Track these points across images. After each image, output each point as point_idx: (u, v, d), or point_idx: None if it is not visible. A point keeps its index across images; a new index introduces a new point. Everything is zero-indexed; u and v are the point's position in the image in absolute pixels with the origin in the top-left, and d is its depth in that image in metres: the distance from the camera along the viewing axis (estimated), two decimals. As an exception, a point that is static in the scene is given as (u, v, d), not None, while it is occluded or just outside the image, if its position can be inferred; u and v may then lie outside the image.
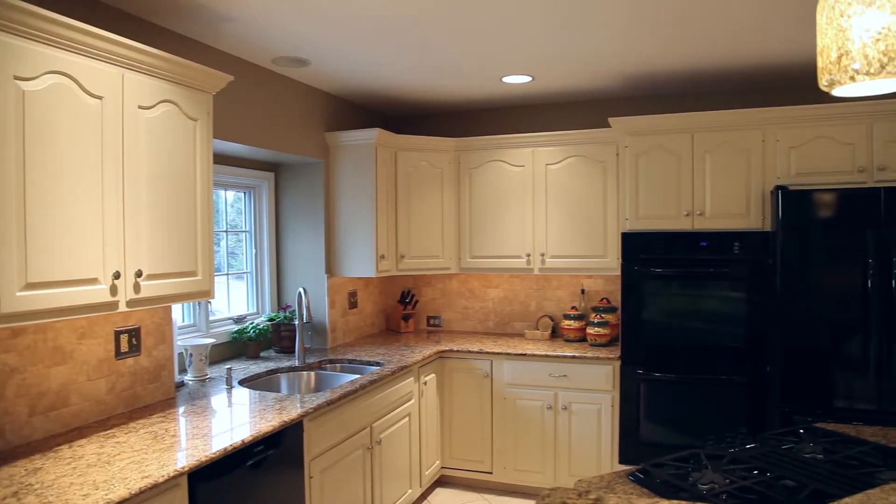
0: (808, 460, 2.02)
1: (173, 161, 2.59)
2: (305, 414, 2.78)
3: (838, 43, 1.13)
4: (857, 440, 2.23)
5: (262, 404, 2.88)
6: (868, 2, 1.10)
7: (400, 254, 4.53)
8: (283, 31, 3.08)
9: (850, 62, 1.12)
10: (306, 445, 2.82)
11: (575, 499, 1.34)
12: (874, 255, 3.36)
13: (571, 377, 4.09)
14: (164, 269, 2.54)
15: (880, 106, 3.58)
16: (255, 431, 2.46)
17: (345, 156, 4.33)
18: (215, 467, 2.27)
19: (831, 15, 1.15)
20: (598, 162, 4.33)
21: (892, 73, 1.08)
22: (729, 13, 2.92)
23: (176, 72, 2.58)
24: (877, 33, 1.09)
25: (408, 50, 3.43)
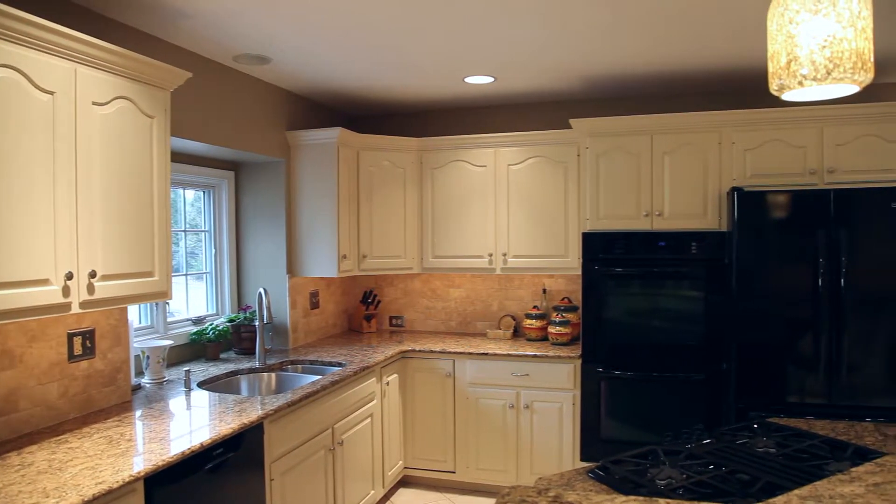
0: (761, 454, 2.07)
1: (129, 159, 2.54)
2: (266, 416, 2.74)
3: (787, 49, 1.17)
4: (807, 434, 2.30)
5: (221, 406, 2.83)
6: (814, 10, 1.13)
7: (362, 254, 4.50)
8: (243, 28, 3.04)
9: (799, 68, 1.15)
10: (267, 447, 2.79)
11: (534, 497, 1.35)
12: (824, 255, 3.46)
13: (533, 376, 4.13)
14: (120, 269, 2.49)
15: (830, 111, 3.69)
16: (214, 434, 2.42)
17: (306, 155, 4.29)
18: (173, 472, 2.22)
19: (781, 22, 1.18)
20: (559, 163, 4.37)
21: (838, 79, 1.12)
22: (686, 19, 2.98)
23: (132, 67, 2.52)
24: (823, 40, 1.13)
25: (370, 49, 3.42)
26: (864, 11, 1.15)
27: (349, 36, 3.19)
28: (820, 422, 2.55)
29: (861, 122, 3.68)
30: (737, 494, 1.74)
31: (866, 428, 2.48)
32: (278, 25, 3.02)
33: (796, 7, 1.17)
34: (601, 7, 2.84)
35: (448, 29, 3.11)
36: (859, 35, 1.14)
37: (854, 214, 3.43)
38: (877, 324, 3.42)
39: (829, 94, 1.26)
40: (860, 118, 3.68)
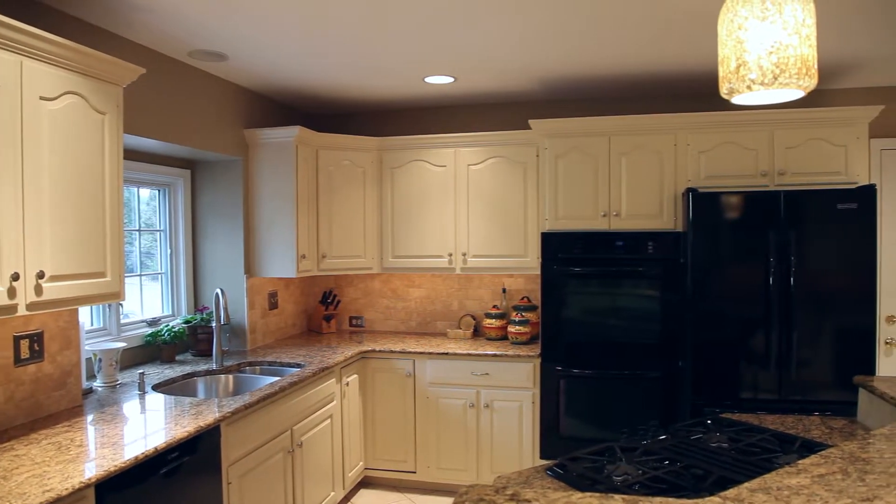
0: (714, 449, 2.12)
1: (80, 156, 2.47)
2: (223, 418, 2.70)
3: (737, 54, 1.20)
4: (758, 428, 2.36)
5: (177, 409, 2.78)
6: (762, 17, 1.17)
7: (321, 254, 4.47)
8: (199, 23, 2.99)
9: (748, 72, 1.19)
10: (224, 451, 2.75)
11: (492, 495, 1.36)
12: (775, 254, 3.56)
13: (493, 375, 4.15)
14: (70, 269, 2.42)
15: (780, 115, 3.80)
16: (170, 438, 2.38)
17: (264, 154, 4.23)
18: (125, 477, 2.17)
19: (731, 28, 1.22)
20: (518, 163, 4.40)
21: (784, 84, 1.15)
22: (642, 24, 3.03)
23: (82, 62, 2.45)
24: (770, 46, 1.16)
25: (330, 48, 3.39)
26: (809, 20, 1.19)
27: (309, 34, 3.17)
28: (770, 416, 2.62)
29: (809, 126, 3.80)
30: (690, 488, 1.78)
31: (813, 422, 2.56)
32: (235, 22, 2.97)
33: (745, 14, 1.20)
34: (559, 10, 2.87)
35: (408, 29, 3.11)
36: (804, 42, 1.18)
37: (803, 215, 3.54)
38: (824, 321, 3.54)
39: (776, 98, 1.30)
40: (808, 122, 3.80)
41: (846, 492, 1.44)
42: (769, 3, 1.18)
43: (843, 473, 1.56)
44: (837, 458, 1.67)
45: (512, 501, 1.36)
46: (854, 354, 3.51)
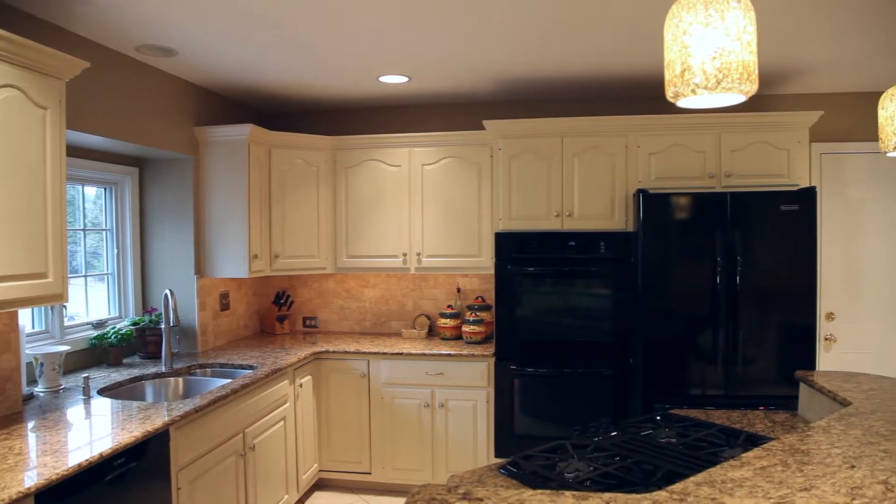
0: (663, 444, 2.17)
1: (18, 152, 2.38)
2: (172, 422, 2.64)
3: (682, 58, 1.23)
4: (706, 423, 2.42)
5: (124, 414, 2.71)
6: (705, 23, 1.20)
7: (274, 253, 4.41)
8: (146, 17, 2.91)
9: (692, 76, 1.22)
10: (173, 455, 2.69)
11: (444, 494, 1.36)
12: (722, 254, 3.66)
13: (448, 375, 4.16)
14: (7, 270, 2.33)
15: (727, 118, 3.91)
16: (116, 444, 2.31)
17: (216, 152, 4.16)
18: (68, 485, 2.10)
19: (676, 33, 1.25)
20: (473, 163, 4.42)
21: (727, 89, 1.19)
22: (595, 28, 3.08)
23: (21, 54, 2.37)
24: (714, 52, 1.20)
25: (282, 45, 3.35)
26: (749, 27, 1.22)
27: (260, 32, 3.12)
28: (718, 412, 2.70)
29: (754, 130, 3.92)
30: (640, 483, 1.82)
31: (758, 416, 2.64)
32: (184, 16, 2.91)
33: (689, 19, 1.23)
34: (513, 12, 2.89)
35: (362, 28, 3.09)
36: (745, 48, 1.21)
37: (748, 216, 3.65)
38: (768, 318, 3.65)
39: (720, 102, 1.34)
40: (753, 126, 3.92)
41: (786, 483, 1.49)
42: (712, 10, 1.21)
43: (783, 465, 1.61)
44: (778, 451, 1.72)
45: (464, 500, 1.36)
46: (796, 350, 3.64)
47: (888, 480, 1.50)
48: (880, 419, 2.02)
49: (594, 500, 1.37)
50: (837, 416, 2.08)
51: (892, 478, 1.51)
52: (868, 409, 2.16)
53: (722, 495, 1.42)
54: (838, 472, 1.56)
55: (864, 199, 4.48)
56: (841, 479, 1.51)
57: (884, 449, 1.72)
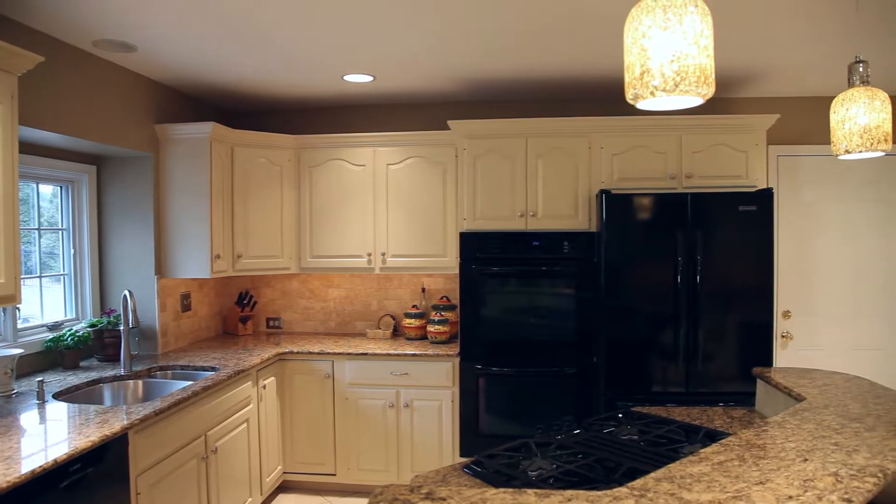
0: (625, 441, 2.20)
1: (-31, 151, 2.31)
2: (131, 426, 2.59)
3: (641, 61, 1.25)
4: (666, 420, 2.47)
5: (81, 418, 2.64)
6: (664, 27, 1.22)
7: (237, 253, 4.35)
8: (103, 11, 2.85)
9: (651, 79, 1.24)
10: (132, 460, 2.63)
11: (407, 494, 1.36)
12: (683, 253, 3.73)
13: (413, 375, 4.16)
14: (-42, 272, 2.26)
15: (687, 120, 3.98)
16: (71, 449, 2.25)
17: (177, 150, 4.08)
18: (20, 493, 2.04)
19: (635, 36, 1.27)
20: (437, 163, 4.43)
21: (684, 91, 1.21)
22: (558, 30, 3.11)
23: (-28, 51, 2.30)
24: (672, 55, 1.22)
25: (245, 42, 3.31)
26: (706, 31, 1.25)
27: (223, 29, 3.08)
28: (678, 408, 2.75)
29: (713, 132, 4.00)
30: (602, 480, 1.84)
31: (716, 412, 2.70)
32: (143, 11, 2.85)
33: (648, 23, 1.25)
34: (476, 13, 2.90)
35: (327, 26, 3.07)
36: (702, 52, 1.24)
37: (708, 216, 3.72)
38: (727, 317, 3.73)
39: (678, 104, 1.36)
40: (713, 128, 4.00)
41: (742, 477, 1.53)
42: (671, 14, 1.24)
43: (740, 460, 1.65)
44: (735, 446, 1.76)
45: (427, 500, 1.36)
46: (754, 348, 3.72)
47: (838, 472, 1.54)
48: (832, 413, 2.08)
49: (556, 498, 1.39)
50: (792, 411, 2.13)
51: (841, 470, 1.56)
52: (821, 403, 2.22)
53: (681, 490, 1.45)
54: (792, 465, 1.60)
55: (818, 200, 4.61)
56: (794, 472, 1.55)
57: (835, 442, 1.78)
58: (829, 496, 1.41)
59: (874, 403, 2.21)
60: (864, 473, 1.54)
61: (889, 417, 2.03)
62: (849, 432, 1.87)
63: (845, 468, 1.57)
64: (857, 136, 2.13)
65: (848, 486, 1.46)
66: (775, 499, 1.40)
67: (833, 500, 1.38)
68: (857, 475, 1.53)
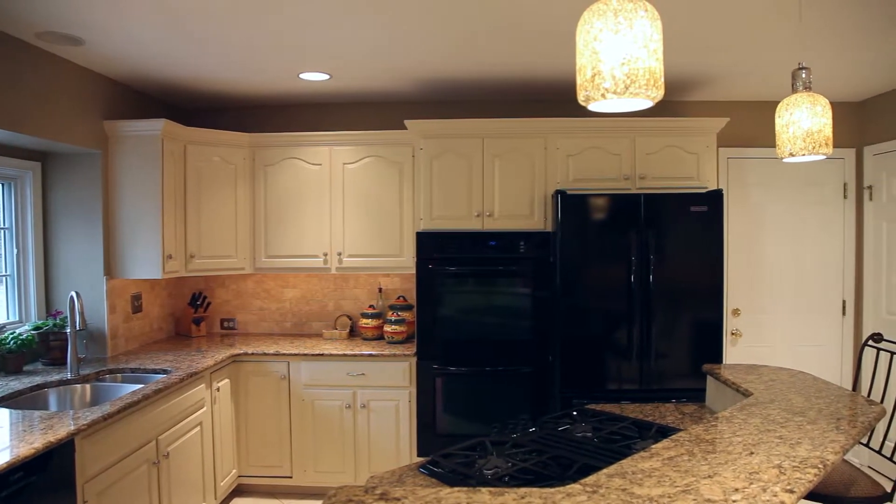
0: (579, 439, 2.23)
1: None
2: (78, 431, 2.52)
3: (592, 64, 1.27)
4: (620, 417, 2.51)
5: (23, 425, 2.55)
6: (615, 30, 1.24)
7: (189, 253, 4.27)
8: (46, 3, 2.76)
9: (602, 81, 1.26)
10: (79, 467, 2.56)
11: (361, 495, 1.35)
12: (636, 253, 3.80)
13: (369, 375, 4.14)
14: None
15: (641, 122, 4.06)
16: (12, 457, 2.18)
17: (127, 147, 3.98)
18: (-40, 500, 1.97)
19: (587, 39, 1.29)
20: (394, 163, 4.42)
21: (634, 94, 1.24)
22: (512, 32, 3.13)
23: None
24: (622, 58, 1.24)
25: (198, 38, 3.24)
26: (656, 35, 1.28)
27: (174, 24, 3.01)
28: (631, 405, 2.80)
29: (666, 135, 4.08)
30: (556, 478, 1.86)
31: (668, 408, 2.76)
32: (90, 3, 2.77)
33: (600, 26, 1.27)
34: (432, 15, 2.91)
35: (282, 23, 3.04)
36: (651, 56, 1.27)
37: (661, 217, 3.79)
38: (679, 315, 3.81)
39: (628, 107, 1.39)
40: (665, 131, 4.08)
41: (691, 471, 1.56)
42: (621, 18, 1.26)
43: (689, 455, 1.69)
44: (685, 441, 1.80)
45: (381, 500, 1.36)
46: (705, 345, 3.81)
47: (782, 465, 1.59)
48: (777, 408, 2.15)
49: (510, 496, 1.40)
50: (740, 406, 2.20)
51: (785, 462, 1.61)
52: (767, 398, 2.29)
53: (632, 486, 1.48)
54: (739, 458, 1.65)
55: (766, 201, 4.75)
56: (741, 465, 1.60)
57: (779, 435, 1.83)
58: (773, 488, 1.45)
59: (816, 397, 2.29)
60: (806, 465, 1.59)
61: (830, 411, 2.11)
62: (792, 426, 1.93)
63: (788, 460, 1.62)
64: (801, 139, 2.20)
65: (790, 478, 1.51)
66: (722, 492, 1.44)
67: (776, 492, 1.43)
68: (800, 467, 1.58)
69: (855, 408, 2.15)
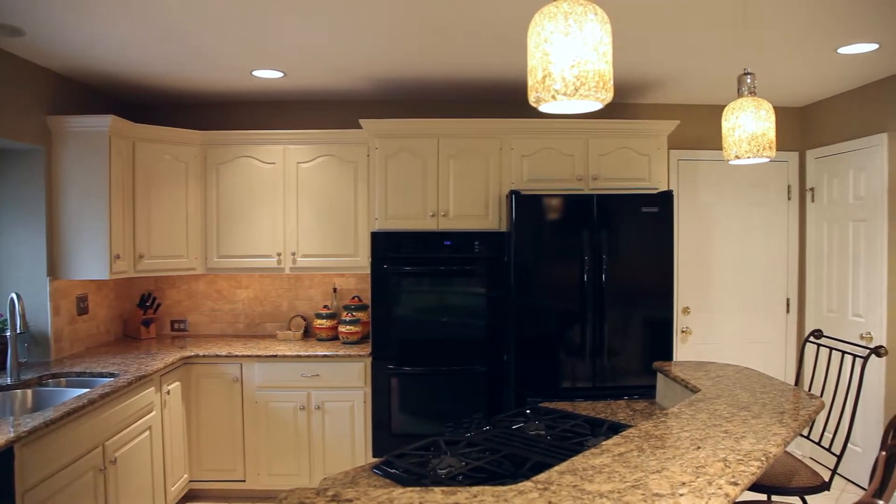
0: (533, 437, 2.25)
1: None
2: (17, 439, 2.43)
3: (543, 65, 1.29)
4: (573, 415, 2.54)
5: (-40, 431, 2.45)
6: (565, 33, 1.26)
7: (138, 253, 4.16)
8: (-14, -4, 2.66)
9: (553, 83, 1.28)
10: (18, 476, 2.46)
11: (313, 497, 1.34)
12: (589, 253, 3.85)
13: (324, 376, 4.10)
14: None
15: (594, 124, 4.12)
16: (-51, 464, 2.09)
17: (72, 144, 3.86)
18: None
19: (538, 41, 1.31)
20: (349, 162, 4.39)
21: (584, 96, 1.26)
22: (467, 33, 3.15)
23: None
24: (572, 61, 1.26)
25: (146, 33, 3.17)
26: (605, 38, 1.30)
27: (120, 16, 2.93)
28: (584, 403, 2.84)
29: (618, 136, 4.15)
30: (509, 475, 1.88)
31: (620, 405, 2.81)
32: (32, -2, 2.68)
33: (551, 28, 1.29)
34: (387, 14, 2.90)
35: (234, 18, 2.98)
36: (601, 58, 1.29)
37: (613, 217, 3.86)
38: (631, 313, 3.88)
39: (578, 108, 1.41)
40: (618, 132, 4.15)
41: (640, 466, 1.59)
42: (571, 21, 1.28)
43: (639, 450, 1.72)
44: (635, 437, 1.84)
45: (333, 502, 1.35)
46: (656, 343, 3.89)
47: (727, 458, 1.64)
48: (723, 403, 2.21)
49: (462, 495, 1.40)
50: (688, 402, 2.25)
51: (730, 455, 1.66)
52: (714, 394, 2.35)
53: (583, 482, 1.50)
54: (686, 453, 1.69)
55: (714, 202, 4.88)
56: (688, 459, 1.64)
57: (725, 430, 1.88)
58: (718, 480, 1.49)
59: (761, 392, 2.36)
60: (750, 458, 1.64)
61: (773, 405, 2.18)
62: (738, 420, 1.99)
63: (733, 454, 1.67)
64: (746, 142, 2.26)
65: (735, 471, 1.55)
66: (670, 486, 1.47)
67: (721, 485, 1.47)
68: (744, 460, 1.62)
69: (796, 402, 2.22)
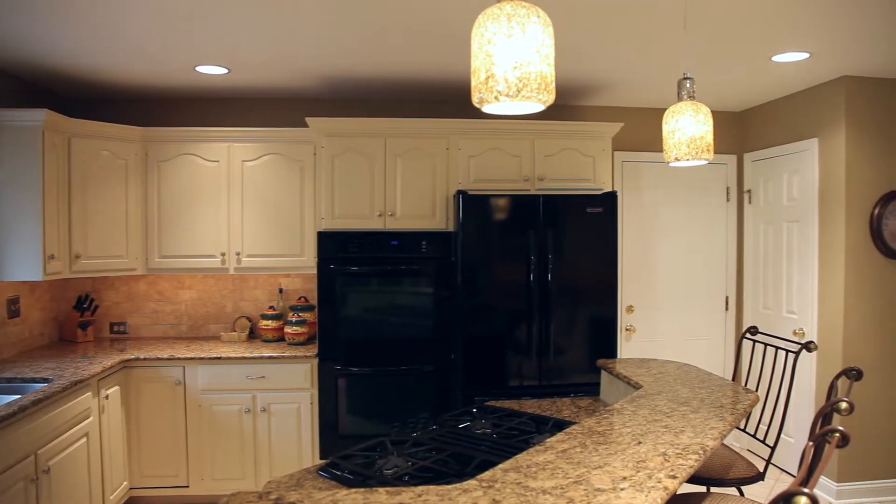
0: (479, 435, 2.27)
1: None
2: (-58, 447, 2.32)
3: (486, 66, 1.30)
4: (518, 413, 2.57)
5: None
6: (508, 35, 1.27)
7: (74, 254, 4.02)
8: None
9: (495, 84, 1.29)
10: (-56, 485, 2.36)
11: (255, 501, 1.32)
12: (535, 253, 3.90)
13: (270, 378, 4.04)
14: None
15: (540, 125, 4.17)
16: None
17: (3, 139, 3.69)
18: None
19: (481, 42, 1.31)
20: (295, 161, 4.33)
21: (526, 97, 1.27)
22: (413, 33, 3.14)
23: None
24: (515, 62, 1.27)
25: (81, 23, 3.06)
26: (548, 41, 1.32)
27: (53, 6, 2.82)
28: (530, 401, 2.87)
29: (564, 138, 4.22)
30: (455, 474, 1.89)
31: (565, 403, 2.85)
32: (-42, -14, 2.56)
33: (494, 29, 1.30)
34: (326, 8, 2.87)
35: (178, 13, 2.91)
36: (543, 60, 1.30)
37: (559, 217, 3.91)
38: (576, 312, 3.94)
39: (521, 109, 1.42)
40: (563, 134, 4.22)
41: (583, 462, 1.62)
42: (514, 23, 1.29)
43: (581, 447, 1.75)
44: (578, 434, 1.87)
45: (276, 505, 1.33)
46: (600, 341, 3.96)
47: (666, 452, 1.68)
48: (664, 399, 2.27)
49: (407, 495, 1.40)
50: (630, 398, 2.30)
51: (669, 450, 1.70)
52: (655, 390, 2.40)
53: (527, 479, 1.52)
54: (627, 448, 1.72)
55: (657, 203, 5.00)
56: (629, 454, 1.67)
57: (665, 425, 1.93)
58: (658, 474, 1.53)
59: (700, 388, 2.43)
60: (688, 452, 1.68)
61: (711, 400, 2.24)
62: (677, 415, 2.04)
63: (672, 448, 1.72)
64: (685, 145, 2.33)
65: (674, 464, 1.59)
66: (611, 481, 1.50)
67: (661, 478, 1.50)
68: (682, 454, 1.67)
69: (734, 396, 2.30)
